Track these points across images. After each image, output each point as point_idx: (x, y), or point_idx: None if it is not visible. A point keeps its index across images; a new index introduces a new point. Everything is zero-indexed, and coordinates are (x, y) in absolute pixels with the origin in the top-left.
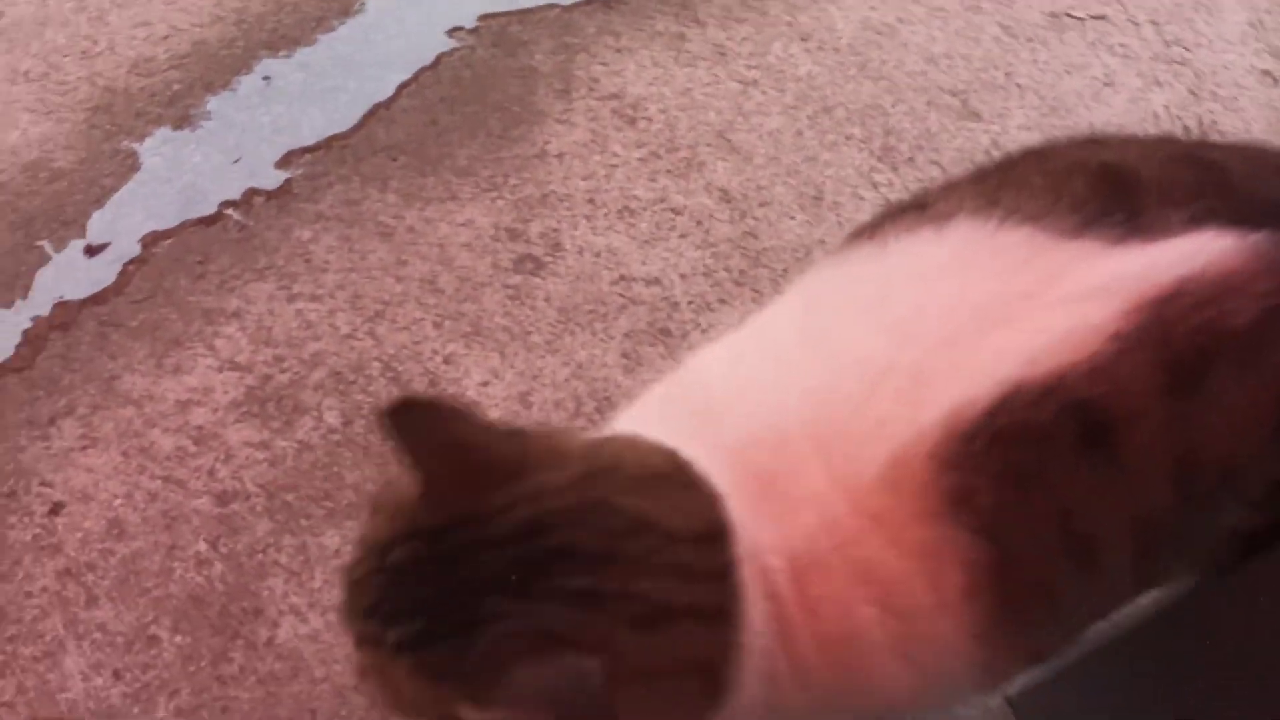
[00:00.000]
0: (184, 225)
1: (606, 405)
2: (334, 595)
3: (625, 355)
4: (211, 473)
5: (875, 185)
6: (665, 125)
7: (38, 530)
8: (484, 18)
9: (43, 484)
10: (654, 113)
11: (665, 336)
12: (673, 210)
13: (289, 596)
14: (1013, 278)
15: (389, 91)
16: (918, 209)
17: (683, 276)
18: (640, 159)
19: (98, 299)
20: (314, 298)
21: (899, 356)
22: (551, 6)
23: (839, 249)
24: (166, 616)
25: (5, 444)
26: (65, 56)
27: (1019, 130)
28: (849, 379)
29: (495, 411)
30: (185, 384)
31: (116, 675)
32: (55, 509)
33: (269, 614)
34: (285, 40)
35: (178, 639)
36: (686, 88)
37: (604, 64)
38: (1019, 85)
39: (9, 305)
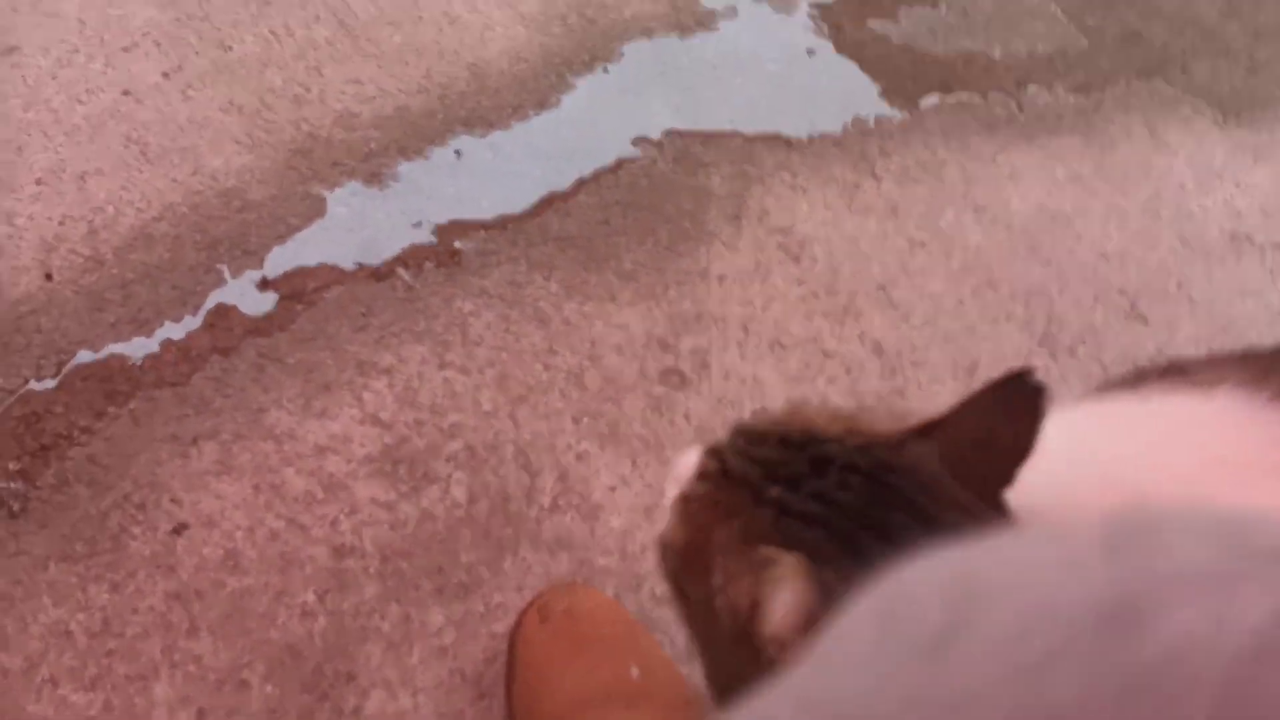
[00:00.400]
0: (356, 275)
1: None
2: (428, 676)
3: None
4: (334, 523)
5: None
6: (828, 268)
7: (158, 547)
8: (670, 133)
9: (172, 500)
10: (819, 254)
11: None
12: (824, 353)
13: (383, 668)
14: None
15: (568, 184)
16: (1178, 373)
17: None
18: (799, 296)
19: (262, 330)
20: (463, 369)
21: (1148, 480)
22: (735, 135)
23: (1085, 397)
24: (261, 662)
25: (147, 454)
26: (279, 98)
27: (1186, 342)
28: (1094, 486)
29: (616, 519)
30: (328, 429)
31: (201, 714)
32: (179, 529)
33: (361, 682)
34: (481, 120)
35: (268, 688)
36: (854, 236)
37: (777, 198)
38: (1191, 299)
39: (178, 320)
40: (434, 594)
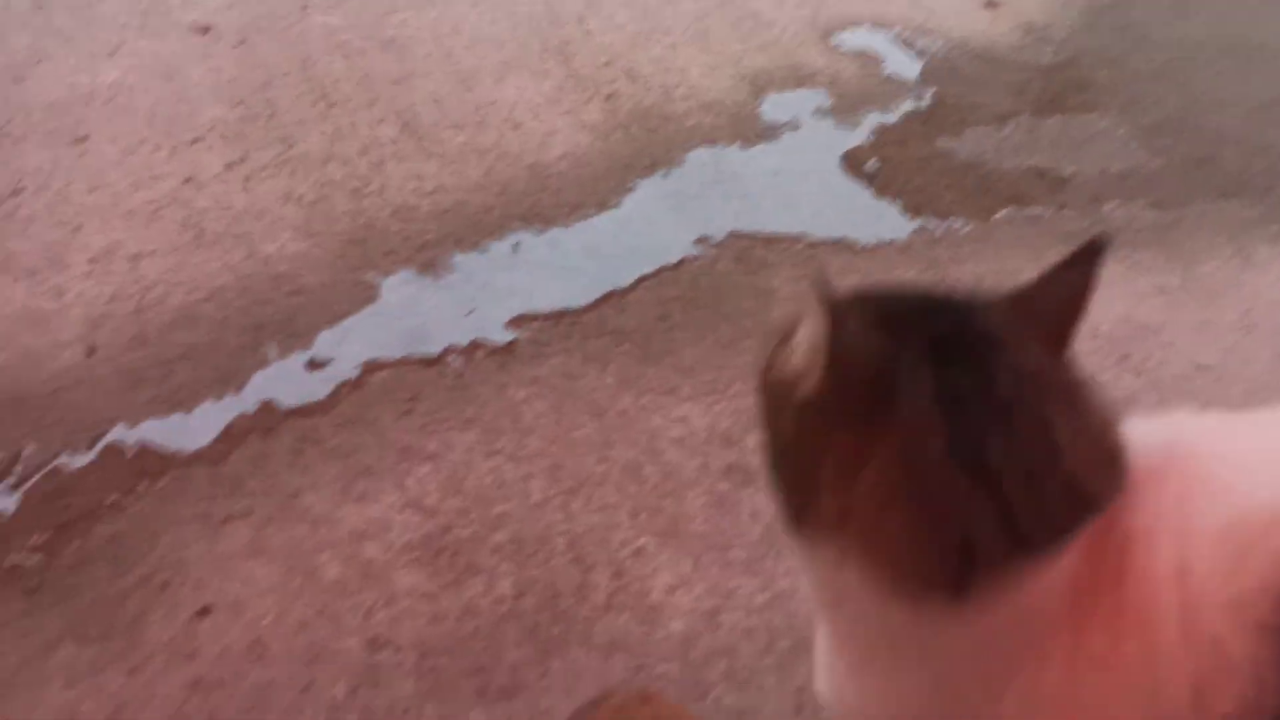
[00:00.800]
0: (404, 361)
1: (801, 646)
2: None
3: None
4: (369, 614)
5: None
6: None
7: (178, 632)
8: (733, 235)
9: (197, 583)
10: None
11: None
12: None
13: None
14: None
15: (628, 280)
16: None
17: None
18: None
19: (304, 412)
20: (513, 458)
21: None
22: (799, 238)
23: None
24: None
25: (174, 533)
26: (338, 190)
27: None
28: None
29: (678, 623)
30: (365, 514)
31: None
32: (203, 612)
33: None
34: (540, 217)
35: None
36: None
37: None
38: None
39: (219, 398)
40: (475, 695)
